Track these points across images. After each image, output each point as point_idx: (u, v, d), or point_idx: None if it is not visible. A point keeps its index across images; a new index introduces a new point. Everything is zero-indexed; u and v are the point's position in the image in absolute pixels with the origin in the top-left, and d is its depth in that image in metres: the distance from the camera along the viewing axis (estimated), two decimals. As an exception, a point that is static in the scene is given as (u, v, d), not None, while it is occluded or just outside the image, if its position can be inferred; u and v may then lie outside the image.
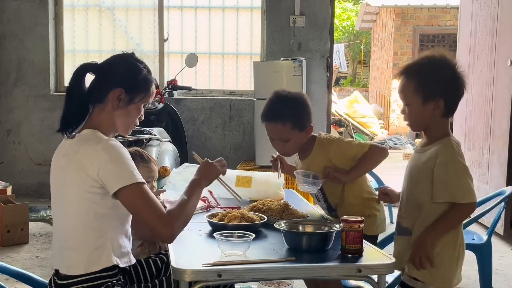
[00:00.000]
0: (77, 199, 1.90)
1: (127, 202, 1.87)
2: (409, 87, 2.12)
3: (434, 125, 2.13)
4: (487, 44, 5.32)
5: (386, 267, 1.88)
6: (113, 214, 1.93)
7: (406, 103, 2.15)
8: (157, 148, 4.50)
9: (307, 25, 6.05)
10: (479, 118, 5.47)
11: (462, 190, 2.04)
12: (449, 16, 13.08)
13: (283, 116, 2.45)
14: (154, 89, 2.09)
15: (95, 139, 1.92)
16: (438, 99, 2.09)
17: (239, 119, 6.25)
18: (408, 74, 2.14)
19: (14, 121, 6.34)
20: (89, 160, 1.87)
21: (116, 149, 1.90)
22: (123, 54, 2.08)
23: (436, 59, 2.14)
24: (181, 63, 6.19)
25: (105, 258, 1.92)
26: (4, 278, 3.22)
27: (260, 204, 2.49)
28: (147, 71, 2.07)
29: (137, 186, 1.86)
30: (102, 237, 1.92)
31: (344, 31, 22.04)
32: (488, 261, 3.46)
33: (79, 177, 1.88)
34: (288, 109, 2.47)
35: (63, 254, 1.95)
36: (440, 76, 2.10)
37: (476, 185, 5.46)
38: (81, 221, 1.91)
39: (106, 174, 1.86)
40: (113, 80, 1.99)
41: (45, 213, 5.33)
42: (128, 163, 1.89)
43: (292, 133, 2.47)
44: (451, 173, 2.04)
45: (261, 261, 1.87)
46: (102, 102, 1.99)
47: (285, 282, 3.37)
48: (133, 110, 2.03)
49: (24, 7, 6.23)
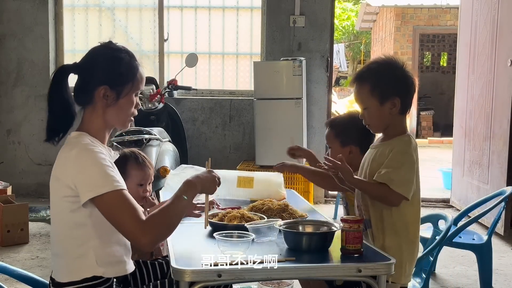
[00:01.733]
0: (57, 207, 1.85)
1: (101, 210, 1.77)
2: (364, 91, 2.17)
3: (393, 123, 2.19)
4: (487, 44, 5.32)
5: (386, 267, 1.88)
6: (94, 223, 1.82)
7: (364, 107, 2.20)
8: (157, 148, 4.50)
9: (307, 25, 6.05)
10: (479, 118, 5.47)
11: (401, 180, 2.07)
12: (449, 16, 13.07)
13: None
14: (142, 74, 1.95)
15: (71, 145, 1.84)
16: (394, 98, 2.14)
17: (239, 119, 6.25)
18: (361, 79, 2.20)
19: (14, 121, 6.34)
20: (63, 168, 1.81)
21: (89, 155, 1.79)
22: (99, 46, 1.95)
23: (385, 60, 2.21)
24: (181, 63, 6.18)
25: (87, 268, 1.83)
26: (4, 278, 3.22)
27: (260, 204, 2.49)
28: (129, 56, 1.92)
29: (109, 195, 1.74)
30: (83, 246, 1.83)
31: (344, 31, 22.03)
32: (488, 261, 3.46)
33: (57, 184, 1.83)
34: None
35: (53, 260, 1.93)
36: (392, 75, 2.17)
37: (476, 185, 5.49)
38: (62, 229, 1.85)
39: (78, 183, 1.77)
40: (95, 78, 1.88)
41: (45, 213, 5.32)
42: (101, 170, 1.77)
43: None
44: (398, 161, 2.09)
45: (261, 261, 1.87)
46: (91, 103, 1.89)
47: (285, 282, 3.37)
48: (124, 103, 1.91)
49: (24, 7, 6.23)
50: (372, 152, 2.24)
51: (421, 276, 2.80)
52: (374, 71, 2.20)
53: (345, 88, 18.31)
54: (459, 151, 6.01)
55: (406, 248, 2.15)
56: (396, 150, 2.12)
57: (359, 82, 2.20)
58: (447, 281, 3.83)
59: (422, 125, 13.34)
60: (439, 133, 13.25)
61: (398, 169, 2.09)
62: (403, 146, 2.14)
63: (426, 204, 6.17)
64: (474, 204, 3.58)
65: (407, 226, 2.15)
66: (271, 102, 5.56)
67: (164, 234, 1.82)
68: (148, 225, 1.75)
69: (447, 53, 15.87)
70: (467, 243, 3.48)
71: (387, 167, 2.10)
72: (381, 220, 2.14)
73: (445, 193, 6.73)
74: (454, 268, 4.06)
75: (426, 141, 12.61)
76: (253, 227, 2.07)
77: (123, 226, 1.76)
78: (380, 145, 2.22)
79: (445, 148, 11.13)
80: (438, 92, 14.67)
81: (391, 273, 1.89)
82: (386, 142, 2.20)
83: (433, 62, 16.04)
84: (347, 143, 2.55)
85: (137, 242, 1.77)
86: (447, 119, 12.05)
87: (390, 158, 2.11)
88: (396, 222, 2.13)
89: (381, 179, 2.08)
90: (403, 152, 2.12)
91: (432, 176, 7.82)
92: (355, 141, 2.54)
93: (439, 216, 2.98)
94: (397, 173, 2.08)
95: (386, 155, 2.13)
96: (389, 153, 2.12)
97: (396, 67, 2.19)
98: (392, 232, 2.13)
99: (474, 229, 4.20)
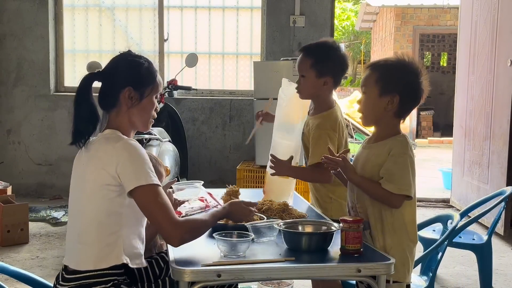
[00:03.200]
0: (93, 195, 1.95)
1: (141, 201, 1.91)
2: (372, 78, 2.17)
3: (385, 121, 2.17)
4: (487, 44, 5.32)
5: (385, 267, 1.88)
6: (127, 213, 1.96)
7: (364, 91, 2.20)
8: (157, 148, 4.50)
9: (307, 25, 6.05)
10: (479, 118, 5.47)
11: (405, 182, 2.08)
12: (449, 16, 13.08)
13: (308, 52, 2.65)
14: (160, 79, 2.14)
15: (115, 138, 1.99)
16: (394, 95, 2.13)
17: (239, 119, 6.25)
18: (374, 67, 2.20)
19: (14, 121, 6.34)
20: (109, 157, 1.93)
21: (135, 148, 1.95)
22: (121, 54, 2.13)
23: (405, 61, 2.20)
24: (181, 63, 6.19)
25: (115, 255, 1.94)
26: (4, 278, 3.22)
27: (259, 204, 2.49)
28: (148, 63, 2.10)
29: (152, 187, 1.90)
30: (114, 235, 1.95)
31: (344, 31, 22.05)
32: (488, 261, 3.46)
33: (98, 173, 1.94)
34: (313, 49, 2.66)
35: (75, 249, 1.99)
36: (403, 75, 2.16)
37: (476, 185, 5.49)
38: (95, 217, 1.95)
39: (124, 172, 1.91)
40: (120, 82, 2.05)
41: (45, 213, 5.33)
42: (146, 164, 1.93)
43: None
44: (400, 165, 2.09)
45: (261, 261, 1.87)
46: (116, 105, 2.05)
47: (285, 282, 3.37)
48: (147, 104, 2.08)
49: (24, 7, 6.23)
50: (365, 153, 2.23)
51: (428, 274, 2.80)
52: (388, 63, 2.21)
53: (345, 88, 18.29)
54: (459, 151, 6.01)
55: (407, 247, 2.15)
56: (394, 152, 2.11)
57: (371, 69, 2.20)
58: (447, 281, 3.83)
59: (422, 125, 13.33)
60: (439, 133, 13.25)
61: (401, 171, 2.08)
62: (401, 147, 2.13)
63: (426, 204, 6.17)
64: (474, 204, 3.58)
65: (406, 225, 2.15)
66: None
67: (190, 235, 1.96)
68: (184, 225, 1.93)
69: (447, 53, 15.88)
70: (467, 243, 3.48)
71: (390, 171, 2.08)
72: (381, 221, 2.14)
73: (445, 193, 6.73)
74: (454, 268, 4.06)
75: (426, 141, 12.60)
76: (253, 227, 2.07)
77: (157, 219, 1.90)
78: (374, 145, 2.20)
79: (445, 148, 11.13)
80: (438, 92, 14.67)
81: (390, 273, 1.90)
82: (380, 142, 2.18)
83: (433, 62, 16.04)
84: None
85: (168, 235, 1.92)
86: (447, 119, 12.07)
87: (390, 160, 2.10)
88: (395, 222, 2.13)
89: (386, 187, 2.07)
90: (402, 154, 2.11)
91: (432, 176, 7.82)
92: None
93: (449, 217, 2.98)
94: (401, 177, 2.08)
95: (384, 156, 2.12)
96: (387, 155, 2.11)
97: (411, 70, 2.17)
98: (392, 232, 2.13)
99: (474, 229, 4.20)
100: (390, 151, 2.12)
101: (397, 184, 2.06)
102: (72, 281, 1.94)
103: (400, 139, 2.15)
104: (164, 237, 1.96)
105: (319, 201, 2.75)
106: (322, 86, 2.62)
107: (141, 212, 1.95)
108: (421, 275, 2.83)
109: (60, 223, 5.04)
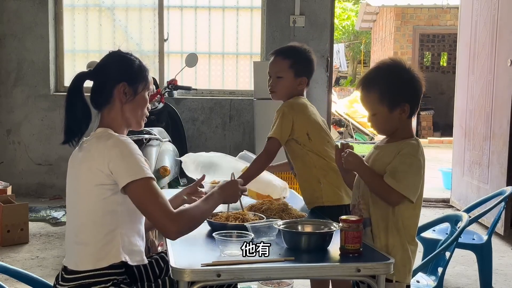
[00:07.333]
0: (87, 195, 1.95)
1: (135, 196, 1.91)
2: (373, 97, 2.14)
3: (401, 127, 2.17)
4: (487, 44, 5.32)
5: (385, 267, 1.88)
6: (123, 211, 1.96)
7: (373, 113, 2.17)
8: (157, 148, 4.50)
9: (307, 25, 6.05)
10: (479, 118, 5.47)
11: (407, 182, 2.07)
12: (449, 16, 13.08)
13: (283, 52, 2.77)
14: (151, 76, 2.16)
15: (106, 136, 1.98)
16: (404, 104, 2.13)
17: (239, 119, 6.25)
18: (369, 85, 2.16)
19: (14, 121, 6.34)
20: (101, 156, 1.93)
21: (126, 144, 1.96)
22: (111, 53, 2.14)
23: (391, 65, 2.18)
24: (181, 63, 6.19)
25: (114, 254, 1.94)
26: (4, 278, 3.22)
27: (259, 204, 2.49)
28: (139, 61, 2.13)
29: (146, 181, 1.90)
30: (111, 233, 1.95)
31: (344, 31, 22.05)
32: (488, 261, 3.46)
33: (91, 172, 1.94)
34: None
35: (73, 250, 1.99)
36: (400, 81, 2.14)
37: (476, 185, 5.49)
38: (91, 217, 1.96)
39: (117, 168, 1.90)
40: (114, 77, 2.05)
41: (45, 213, 5.33)
42: (137, 158, 1.93)
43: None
44: (406, 164, 2.09)
45: (260, 261, 1.87)
46: (109, 102, 2.05)
47: (285, 282, 3.37)
48: (140, 100, 2.10)
49: (24, 7, 6.23)
50: (375, 152, 2.23)
51: (436, 274, 2.81)
52: (380, 77, 2.16)
53: (345, 88, 18.32)
54: (459, 151, 6.01)
55: (409, 247, 2.15)
56: (404, 152, 2.11)
57: (367, 88, 2.16)
58: (447, 281, 3.83)
59: (422, 125, 13.33)
60: (439, 133, 13.25)
61: (405, 171, 2.08)
62: (411, 149, 2.12)
63: (426, 204, 6.17)
64: (474, 204, 3.58)
65: (409, 227, 2.14)
66: (271, 102, 5.48)
67: (187, 227, 1.95)
68: (179, 216, 1.91)
69: (447, 53, 15.88)
70: (467, 243, 3.47)
71: (395, 167, 2.08)
72: (383, 219, 2.14)
73: (445, 193, 6.73)
74: (454, 268, 4.06)
75: (426, 141, 12.60)
76: (253, 226, 2.07)
77: (153, 213, 1.90)
78: (386, 146, 2.20)
79: (445, 148, 11.13)
80: (438, 92, 14.68)
81: (390, 273, 1.90)
82: (392, 143, 2.17)
83: (433, 62, 16.04)
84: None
85: (164, 229, 1.90)
86: (447, 119, 12.06)
87: (398, 159, 2.10)
88: (397, 222, 2.13)
89: (387, 181, 2.06)
90: (410, 155, 2.11)
91: (432, 176, 7.81)
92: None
93: (457, 217, 2.99)
94: (404, 175, 2.07)
95: (393, 156, 2.11)
96: (396, 155, 2.11)
97: (402, 71, 2.15)
98: (395, 231, 2.13)
99: (474, 229, 4.20)
100: (400, 151, 2.11)
101: (398, 181, 2.06)
102: (71, 281, 1.94)
103: (413, 142, 2.15)
104: (161, 231, 1.96)
105: (307, 189, 2.72)
106: (297, 86, 2.74)
107: (136, 209, 1.94)
108: (429, 275, 2.83)
109: (60, 223, 5.04)
